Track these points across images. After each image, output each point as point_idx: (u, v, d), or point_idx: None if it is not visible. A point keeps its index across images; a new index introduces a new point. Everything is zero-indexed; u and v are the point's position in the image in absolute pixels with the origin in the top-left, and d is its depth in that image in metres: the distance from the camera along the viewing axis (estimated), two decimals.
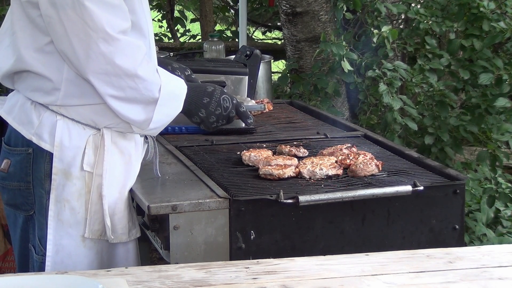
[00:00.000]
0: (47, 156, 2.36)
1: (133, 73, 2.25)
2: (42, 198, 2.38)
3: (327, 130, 3.17)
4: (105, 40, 2.21)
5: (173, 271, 1.97)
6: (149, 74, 2.30)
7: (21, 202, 2.42)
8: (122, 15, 2.27)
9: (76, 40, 2.21)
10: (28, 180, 2.39)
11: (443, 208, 2.52)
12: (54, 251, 2.38)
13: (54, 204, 2.36)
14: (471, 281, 1.93)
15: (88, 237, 2.38)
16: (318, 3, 4.80)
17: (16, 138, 2.40)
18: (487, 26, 4.11)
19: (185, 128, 3.17)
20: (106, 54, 2.22)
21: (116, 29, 2.23)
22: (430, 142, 4.12)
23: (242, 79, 3.25)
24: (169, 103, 2.35)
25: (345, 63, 4.19)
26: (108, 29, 2.21)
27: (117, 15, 2.24)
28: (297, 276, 1.94)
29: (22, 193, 2.40)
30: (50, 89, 2.33)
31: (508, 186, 4.13)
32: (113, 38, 2.21)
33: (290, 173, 2.57)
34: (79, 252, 2.39)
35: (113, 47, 2.22)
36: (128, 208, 2.44)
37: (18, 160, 2.39)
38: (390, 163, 2.73)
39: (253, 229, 2.37)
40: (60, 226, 2.37)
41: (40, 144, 2.36)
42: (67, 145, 2.35)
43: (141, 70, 2.27)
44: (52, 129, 2.34)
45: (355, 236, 2.47)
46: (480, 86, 4.15)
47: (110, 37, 2.21)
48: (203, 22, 7.42)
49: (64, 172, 2.35)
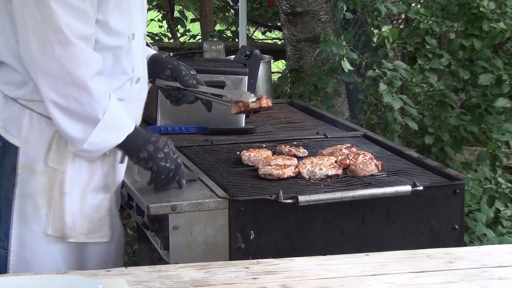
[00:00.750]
0: (15, 150, 2.34)
1: (81, 84, 2.21)
2: (9, 192, 2.36)
3: (327, 130, 3.17)
4: (61, 43, 2.17)
5: (173, 271, 1.97)
6: (99, 92, 2.25)
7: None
8: (86, 20, 2.23)
9: (34, 37, 2.18)
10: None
11: (442, 208, 2.52)
12: (17, 246, 2.36)
13: (18, 199, 2.35)
14: (471, 281, 1.93)
15: (51, 234, 2.36)
16: (318, 3, 4.80)
17: None
18: (487, 26, 4.11)
19: (185, 128, 3.17)
20: (59, 57, 2.18)
21: (76, 33, 2.19)
22: (430, 142, 4.12)
23: (242, 79, 3.25)
24: (111, 130, 2.30)
25: (345, 63, 4.19)
26: (66, 32, 2.17)
27: (80, 19, 2.21)
28: (297, 276, 1.94)
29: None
30: (20, 83, 2.32)
31: (508, 186, 4.12)
32: (70, 42, 2.18)
33: (290, 173, 2.57)
34: (42, 248, 2.37)
35: (68, 52, 2.18)
36: (92, 209, 2.41)
37: None
38: (390, 163, 2.73)
39: (252, 229, 2.37)
40: (23, 221, 2.36)
41: (7, 138, 2.35)
42: (32, 140, 2.33)
43: (92, 83, 2.22)
44: (19, 123, 2.33)
45: (354, 236, 2.46)
46: (480, 86, 4.15)
47: (67, 40, 2.17)
48: (203, 22, 7.41)
49: (29, 167, 2.34)
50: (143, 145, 2.36)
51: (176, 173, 2.41)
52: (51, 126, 2.32)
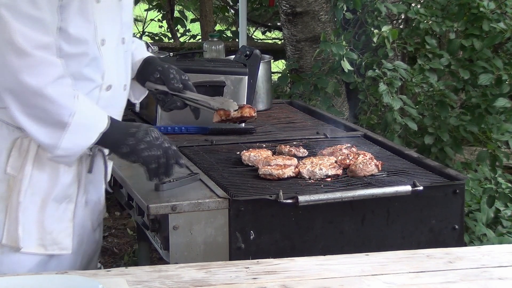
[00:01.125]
0: None
1: (39, 92, 2.16)
2: None
3: (327, 130, 3.17)
4: (15, 54, 2.13)
5: (173, 271, 1.97)
6: (61, 96, 2.19)
7: None
8: (42, 28, 2.17)
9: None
10: None
11: (442, 208, 2.52)
12: None
13: None
14: (471, 281, 1.93)
15: (5, 243, 2.28)
16: (318, 3, 4.80)
17: None
18: (487, 26, 4.11)
19: (185, 128, 3.17)
20: (12, 69, 2.14)
21: (32, 43, 2.14)
22: (430, 142, 4.12)
23: (242, 79, 3.25)
24: (82, 132, 2.23)
25: (345, 63, 4.19)
26: (21, 42, 2.13)
27: (36, 29, 2.15)
28: (297, 276, 1.94)
29: None
30: None
31: (508, 186, 4.12)
32: (25, 52, 2.13)
33: (290, 173, 2.57)
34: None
35: (23, 62, 2.14)
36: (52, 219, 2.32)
37: None
38: (389, 163, 2.73)
39: (252, 229, 2.38)
40: None
41: None
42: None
43: (50, 90, 2.17)
44: None
45: (354, 236, 2.47)
46: (480, 86, 4.15)
47: (22, 51, 2.13)
48: (203, 22, 7.42)
49: None
50: (123, 140, 2.29)
51: (168, 157, 2.33)
52: (12, 132, 2.27)
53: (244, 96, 3.26)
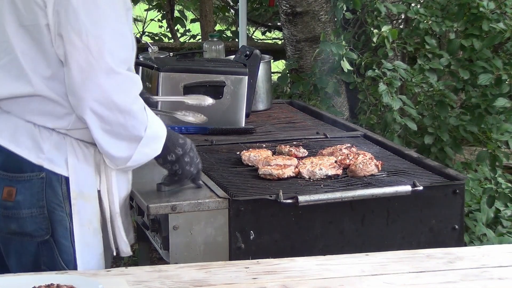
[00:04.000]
0: (62, 179, 2.27)
1: (126, 110, 2.19)
2: (64, 222, 2.29)
3: (327, 130, 3.17)
4: (106, 72, 2.14)
5: (173, 271, 1.97)
6: (140, 112, 2.23)
7: (33, 229, 2.29)
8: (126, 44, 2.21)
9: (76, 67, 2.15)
10: (42, 205, 2.27)
11: (442, 208, 2.52)
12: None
13: (78, 228, 2.29)
14: (471, 281, 1.93)
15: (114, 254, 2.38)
16: (318, 3, 4.80)
17: (20, 164, 2.27)
18: (487, 26, 4.11)
19: (185, 128, 3.17)
20: (105, 87, 2.15)
21: (118, 60, 2.17)
22: (430, 142, 4.12)
23: (242, 79, 3.25)
24: (151, 144, 2.28)
25: (344, 63, 4.19)
26: (110, 60, 2.14)
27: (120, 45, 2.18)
28: (297, 276, 1.94)
29: (35, 219, 2.28)
30: (63, 114, 2.25)
31: (508, 186, 4.12)
32: (114, 71, 2.15)
33: (290, 173, 2.57)
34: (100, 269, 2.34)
35: (113, 81, 2.16)
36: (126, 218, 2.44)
37: (28, 186, 2.27)
38: (389, 163, 2.73)
39: (252, 229, 2.38)
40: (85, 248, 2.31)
41: (52, 169, 2.26)
42: (80, 167, 2.29)
43: (135, 107, 2.21)
44: (63, 152, 2.27)
45: (354, 236, 2.47)
46: (480, 86, 4.15)
47: (112, 70, 2.15)
48: (203, 22, 7.41)
49: (82, 194, 2.29)
50: (172, 148, 2.35)
51: (197, 178, 2.45)
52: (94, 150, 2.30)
53: (244, 96, 3.26)
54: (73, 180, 2.27)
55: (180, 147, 2.37)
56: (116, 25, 2.18)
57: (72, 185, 2.27)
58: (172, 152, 2.35)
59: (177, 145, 2.36)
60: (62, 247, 2.30)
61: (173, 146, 2.36)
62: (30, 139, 2.26)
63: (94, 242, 2.32)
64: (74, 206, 2.28)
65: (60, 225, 2.29)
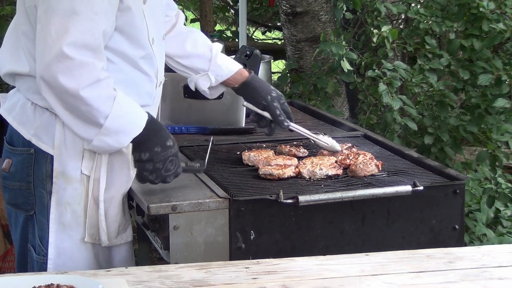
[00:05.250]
0: (48, 157, 2.35)
1: (76, 95, 2.18)
2: (44, 199, 2.38)
3: (327, 130, 3.17)
4: (56, 55, 2.15)
5: (173, 271, 1.97)
6: (96, 100, 2.20)
7: (22, 202, 2.41)
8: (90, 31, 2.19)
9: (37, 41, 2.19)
10: (29, 180, 2.38)
11: (443, 208, 2.52)
12: (55, 254, 2.38)
13: (55, 207, 2.36)
14: (471, 281, 1.93)
15: (88, 241, 2.38)
16: (318, 3, 4.80)
17: (17, 138, 2.39)
18: (486, 26, 4.11)
19: (185, 128, 3.17)
20: (52, 69, 2.16)
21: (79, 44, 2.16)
22: (430, 142, 4.12)
23: None
24: (114, 136, 2.26)
25: (344, 63, 4.19)
26: (65, 43, 2.15)
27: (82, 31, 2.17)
28: (297, 276, 1.94)
29: (23, 193, 2.40)
30: None
31: (508, 186, 4.13)
32: (67, 56, 2.15)
33: (290, 173, 2.57)
34: (81, 255, 2.39)
35: (63, 64, 2.16)
36: (122, 212, 2.44)
37: (20, 160, 2.39)
38: (390, 163, 2.73)
39: (253, 229, 2.37)
40: (61, 229, 2.37)
41: (39, 146, 2.35)
42: (66, 148, 2.34)
43: (85, 92, 2.18)
44: (52, 131, 2.34)
45: (355, 236, 2.46)
46: (480, 86, 4.15)
47: (63, 53, 2.15)
48: (203, 22, 7.40)
49: (64, 175, 2.34)
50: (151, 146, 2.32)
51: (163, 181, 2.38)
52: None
53: None
54: (57, 159, 2.34)
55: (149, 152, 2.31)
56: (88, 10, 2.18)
57: (55, 164, 2.34)
58: (142, 152, 2.32)
59: (147, 150, 2.31)
60: (39, 224, 2.40)
61: (153, 144, 2.31)
62: (26, 115, 2.37)
63: (72, 224, 2.37)
64: (55, 185, 2.35)
65: (40, 201, 2.39)
